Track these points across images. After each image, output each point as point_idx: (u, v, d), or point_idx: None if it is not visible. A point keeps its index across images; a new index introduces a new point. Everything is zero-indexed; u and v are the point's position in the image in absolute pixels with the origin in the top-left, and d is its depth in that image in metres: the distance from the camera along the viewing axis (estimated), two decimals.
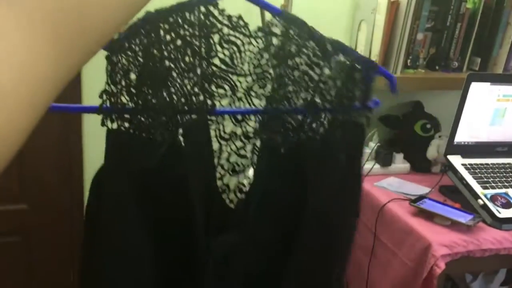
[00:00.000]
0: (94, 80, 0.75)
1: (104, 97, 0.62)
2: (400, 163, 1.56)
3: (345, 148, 0.73)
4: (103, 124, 0.62)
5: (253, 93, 0.70)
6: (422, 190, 1.42)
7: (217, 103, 0.68)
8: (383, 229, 1.33)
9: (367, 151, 1.53)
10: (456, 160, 1.39)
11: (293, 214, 0.72)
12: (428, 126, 1.58)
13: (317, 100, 0.70)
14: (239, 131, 0.73)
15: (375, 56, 1.46)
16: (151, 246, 0.66)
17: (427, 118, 1.61)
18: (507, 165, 1.43)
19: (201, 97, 0.65)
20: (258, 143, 0.72)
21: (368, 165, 1.50)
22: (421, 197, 1.33)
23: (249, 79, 0.69)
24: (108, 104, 0.62)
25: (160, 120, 0.62)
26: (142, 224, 0.65)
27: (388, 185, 1.45)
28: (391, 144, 1.61)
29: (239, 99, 0.70)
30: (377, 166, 1.52)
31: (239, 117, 0.72)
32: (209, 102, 0.66)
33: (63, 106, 0.63)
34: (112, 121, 0.63)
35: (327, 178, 0.72)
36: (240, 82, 0.69)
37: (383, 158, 1.52)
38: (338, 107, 0.71)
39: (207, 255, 0.66)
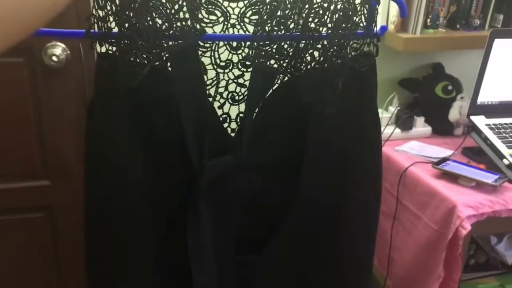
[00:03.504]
0: None
1: (92, 21, 0.63)
2: (421, 126, 1.53)
3: (353, 84, 0.69)
4: (91, 47, 0.64)
5: (246, 20, 0.68)
6: (445, 152, 1.39)
7: (210, 30, 0.67)
8: (405, 193, 1.31)
9: (386, 115, 1.50)
10: (480, 121, 1.36)
11: (291, 146, 0.70)
12: (450, 87, 1.54)
13: (312, 25, 0.66)
14: (235, 58, 0.71)
15: (393, 17, 1.42)
16: (145, 170, 0.67)
17: (448, 79, 1.56)
18: None
19: (189, 22, 0.64)
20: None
21: (389, 130, 1.48)
22: (444, 160, 1.30)
23: (241, 4, 0.67)
24: (96, 29, 0.64)
25: (144, 44, 0.62)
26: (134, 147, 0.66)
27: (410, 149, 1.42)
28: (412, 107, 1.58)
29: (233, 25, 0.69)
30: (397, 130, 1.49)
31: (234, 44, 0.70)
32: (198, 28, 0.65)
33: (51, 31, 0.66)
34: (101, 45, 0.64)
35: (329, 116, 0.69)
36: (232, 8, 0.68)
37: (404, 122, 1.49)
38: (336, 33, 0.67)
39: (199, 175, 0.66)
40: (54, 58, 1.18)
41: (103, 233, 0.70)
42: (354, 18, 0.68)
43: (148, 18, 0.62)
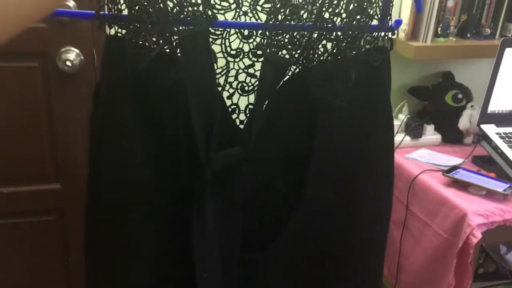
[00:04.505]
0: None
1: (102, 2, 0.62)
2: (431, 134, 1.53)
3: (366, 78, 0.67)
4: (100, 28, 0.63)
5: (259, 7, 0.67)
6: (455, 161, 1.39)
7: (222, 17, 0.65)
8: (415, 201, 1.32)
9: (396, 123, 1.51)
10: (490, 129, 1.36)
11: (300, 140, 0.68)
12: (460, 96, 1.54)
13: (326, 15, 0.64)
14: (246, 47, 0.69)
15: (404, 25, 1.42)
16: (148, 157, 0.65)
17: (458, 88, 1.57)
18: None
19: (201, 8, 0.62)
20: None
21: (398, 138, 1.48)
22: (454, 168, 1.30)
23: None
24: (106, 11, 0.62)
25: (154, 27, 0.61)
26: (138, 132, 0.64)
27: (419, 156, 1.43)
28: (421, 115, 1.58)
29: (245, 13, 0.67)
30: (407, 138, 1.50)
31: (246, 32, 0.69)
32: (210, 14, 0.63)
33: (61, 12, 0.64)
34: (110, 27, 0.63)
35: (340, 109, 0.66)
36: None
37: (414, 130, 1.50)
38: (350, 24, 0.65)
39: (206, 167, 0.63)
40: (68, 63, 1.20)
41: (103, 220, 0.69)
42: (369, 10, 0.66)
43: (159, 1, 0.60)
